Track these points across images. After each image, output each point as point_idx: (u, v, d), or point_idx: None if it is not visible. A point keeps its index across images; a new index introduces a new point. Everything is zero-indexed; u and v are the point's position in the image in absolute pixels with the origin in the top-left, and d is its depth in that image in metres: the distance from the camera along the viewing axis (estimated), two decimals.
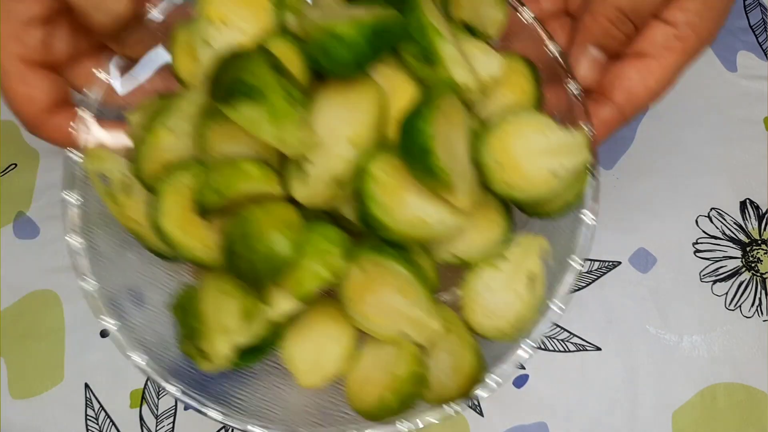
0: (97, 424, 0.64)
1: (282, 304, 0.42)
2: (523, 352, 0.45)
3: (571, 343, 0.66)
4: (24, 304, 0.66)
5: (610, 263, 0.68)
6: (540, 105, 0.49)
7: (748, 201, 0.70)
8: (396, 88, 0.45)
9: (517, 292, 0.45)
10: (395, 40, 0.43)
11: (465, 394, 0.44)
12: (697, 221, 0.70)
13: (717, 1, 0.47)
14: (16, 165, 0.69)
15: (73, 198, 0.47)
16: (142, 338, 0.47)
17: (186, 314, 0.45)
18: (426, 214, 0.42)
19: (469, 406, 0.65)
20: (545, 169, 0.43)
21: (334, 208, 0.45)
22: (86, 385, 0.65)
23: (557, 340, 0.66)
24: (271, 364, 0.50)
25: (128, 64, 0.50)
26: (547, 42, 0.49)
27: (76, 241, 0.47)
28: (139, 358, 0.46)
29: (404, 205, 0.42)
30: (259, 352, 0.45)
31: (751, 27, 0.75)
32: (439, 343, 0.45)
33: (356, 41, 0.41)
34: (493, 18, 0.48)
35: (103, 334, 0.66)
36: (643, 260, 0.68)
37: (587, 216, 0.46)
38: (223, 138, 0.43)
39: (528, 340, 0.45)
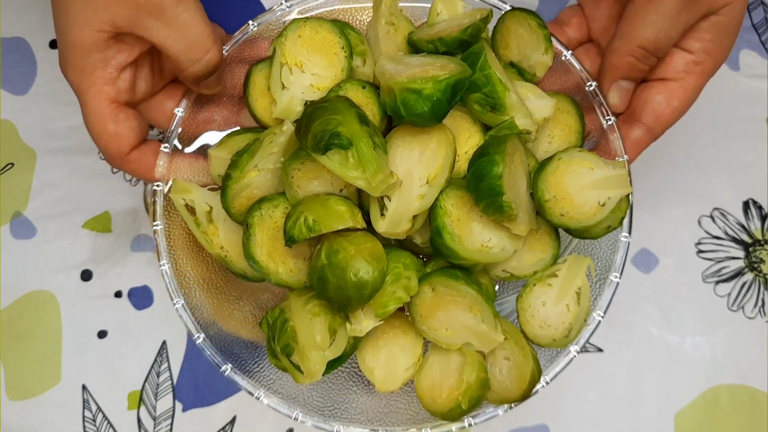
0: (95, 425, 0.63)
1: (364, 323, 0.49)
2: (571, 355, 0.53)
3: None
4: (21, 304, 0.66)
5: None
6: (583, 138, 0.56)
7: (750, 201, 0.70)
8: (462, 131, 0.52)
9: (567, 306, 0.51)
10: (465, 91, 0.49)
11: (525, 395, 0.51)
12: (699, 221, 0.69)
13: (729, 27, 0.52)
14: (13, 164, 0.69)
15: (160, 227, 0.54)
16: (231, 352, 0.54)
17: (277, 332, 0.51)
18: (489, 242, 0.50)
19: None
20: (594, 201, 0.50)
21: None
22: (83, 387, 0.64)
23: None
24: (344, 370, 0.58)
25: (201, 100, 0.56)
26: (586, 79, 0.56)
27: (164, 264, 0.53)
28: (230, 371, 0.53)
29: (471, 235, 0.50)
30: (338, 362, 0.51)
31: (753, 26, 0.74)
32: (499, 350, 0.52)
33: (434, 96, 0.47)
34: (542, 61, 0.55)
35: (101, 335, 0.65)
36: (646, 261, 0.68)
37: (626, 238, 0.54)
38: (308, 177, 0.50)
39: (575, 345, 0.53)
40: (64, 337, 0.65)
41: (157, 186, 0.53)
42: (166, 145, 0.54)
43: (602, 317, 0.53)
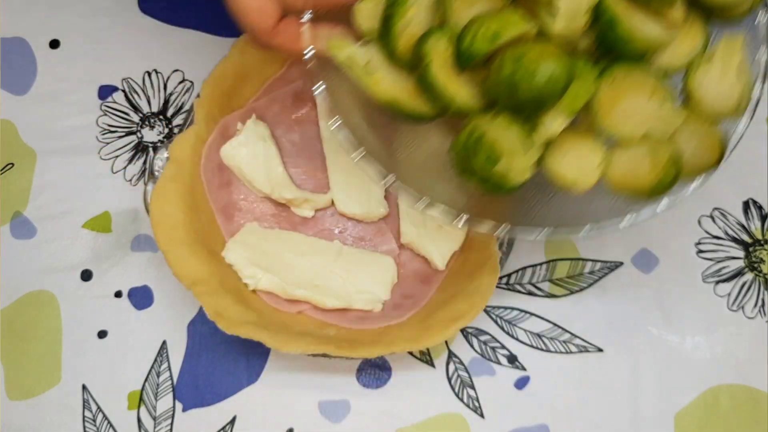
0: (95, 425, 0.63)
1: (557, 123, 0.50)
2: (743, 125, 0.54)
3: (573, 344, 0.66)
4: (21, 304, 0.66)
5: (612, 264, 0.68)
6: None
7: (750, 201, 0.70)
8: None
9: (731, 79, 0.53)
10: None
11: (718, 160, 0.53)
12: (699, 221, 0.69)
13: None
14: (13, 164, 0.69)
15: (321, 90, 0.54)
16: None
17: (473, 148, 0.52)
18: (651, 31, 0.51)
19: (470, 407, 0.64)
20: None
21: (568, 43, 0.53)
22: (84, 387, 0.64)
23: (559, 341, 0.66)
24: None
25: None
26: None
27: (336, 122, 0.53)
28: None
29: (636, 27, 0.51)
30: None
31: None
32: (681, 131, 0.53)
33: None
34: None
35: (101, 335, 0.65)
36: (646, 261, 0.68)
37: (764, 17, 0.55)
38: (468, 1, 0.51)
39: (746, 117, 0.54)
40: (64, 337, 0.65)
41: (308, 53, 0.53)
42: (308, 13, 0.54)
43: (763, 86, 0.53)
